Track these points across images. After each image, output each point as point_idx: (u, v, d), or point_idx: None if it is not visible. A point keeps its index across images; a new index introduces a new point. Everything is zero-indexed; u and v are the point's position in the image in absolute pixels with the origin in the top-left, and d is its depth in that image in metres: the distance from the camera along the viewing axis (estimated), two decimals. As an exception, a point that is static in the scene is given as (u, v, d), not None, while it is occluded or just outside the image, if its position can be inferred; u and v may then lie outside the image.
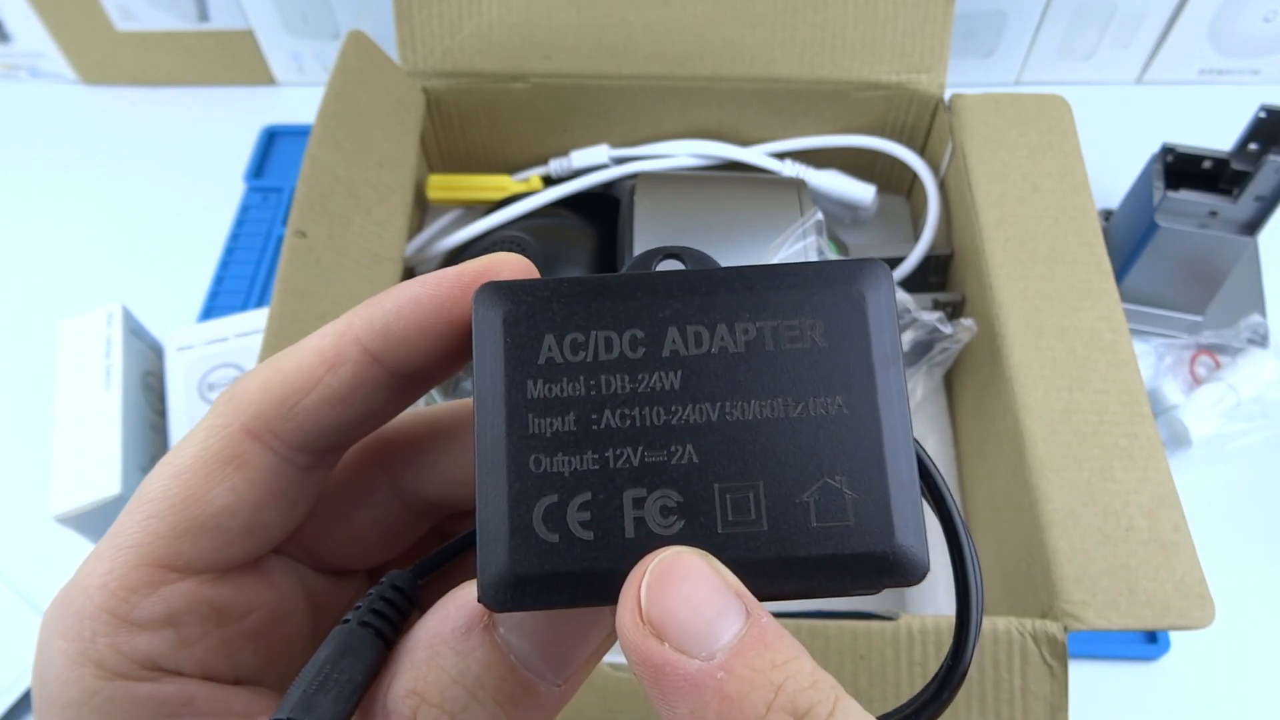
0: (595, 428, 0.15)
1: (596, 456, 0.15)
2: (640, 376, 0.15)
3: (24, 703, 0.46)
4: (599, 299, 0.15)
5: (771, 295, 0.15)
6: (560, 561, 0.14)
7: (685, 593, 0.14)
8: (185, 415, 0.50)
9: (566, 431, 0.15)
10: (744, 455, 0.14)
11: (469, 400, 0.17)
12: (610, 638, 0.16)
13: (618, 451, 0.15)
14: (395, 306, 0.17)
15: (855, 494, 0.14)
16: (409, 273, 0.52)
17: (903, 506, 0.14)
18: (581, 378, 0.15)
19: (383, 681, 0.16)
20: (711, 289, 0.15)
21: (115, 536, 0.17)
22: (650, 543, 0.14)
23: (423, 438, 0.20)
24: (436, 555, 0.19)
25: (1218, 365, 0.54)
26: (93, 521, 0.45)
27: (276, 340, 0.39)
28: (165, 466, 0.17)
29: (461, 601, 0.16)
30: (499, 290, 0.15)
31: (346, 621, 0.17)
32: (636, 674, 0.15)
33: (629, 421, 0.15)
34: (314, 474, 0.19)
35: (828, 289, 0.15)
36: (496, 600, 0.14)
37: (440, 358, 0.18)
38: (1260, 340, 0.54)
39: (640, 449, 0.15)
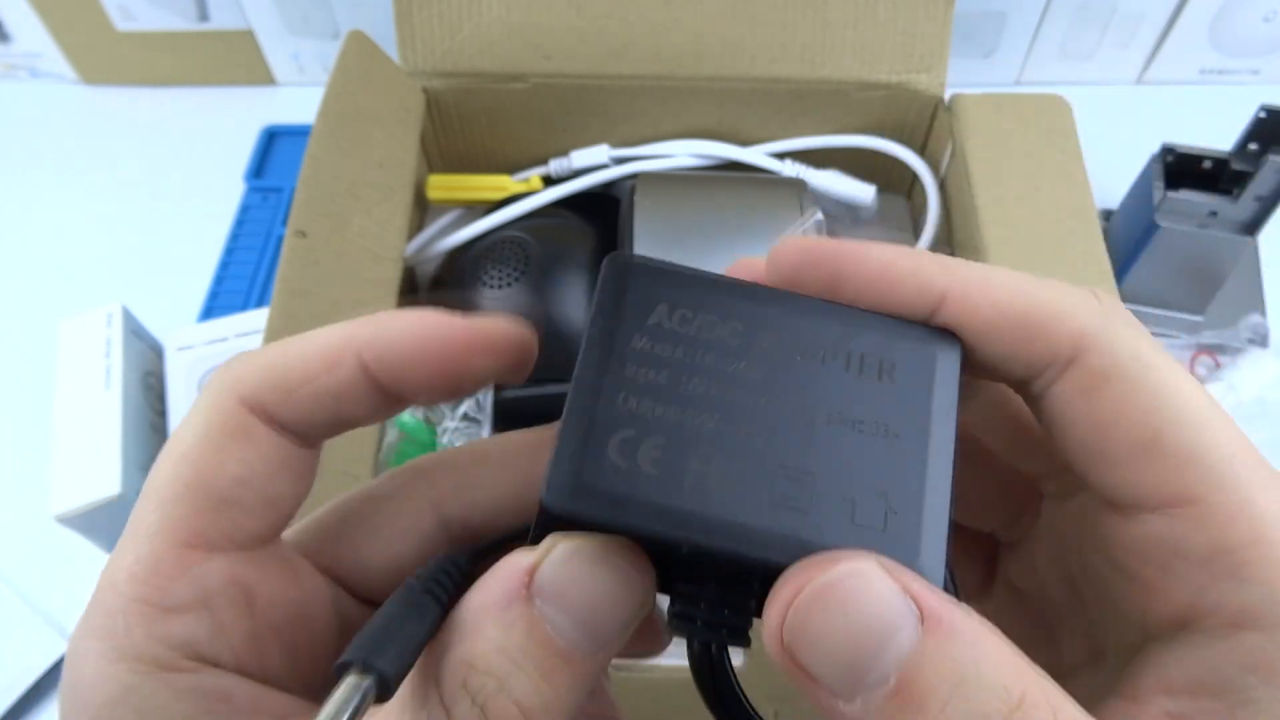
0: (682, 389, 0.16)
1: (678, 411, 0.16)
2: (733, 360, 0.17)
3: (24, 702, 0.46)
4: (714, 290, 0.17)
5: (862, 331, 0.17)
6: (622, 485, 0.15)
7: (833, 633, 0.13)
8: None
9: (657, 384, 0.16)
10: (807, 448, 0.16)
11: (517, 434, 0.20)
12: (644, 609, 0.17)
13: (697, 414, 0.16)
14: (400, 335, 0.18)
15: (893, 511, 0.16)
16: (409, 273, 0.52)
17: (931, 539, 0.15)
18: (682, 346, 0.16)
19: (433, 650, 0.16)
20: (813, 311, 0.17)
21: (135, 528, 0.17)
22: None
23: (472, 465, 0.20)
24: (495, 540, 0.20)
25: (1218, 365, 0.54)
26: (93, 521, 0.45)
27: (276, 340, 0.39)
28: (169, 452, 0.18)
29: (503, 575, 0.16)
30: (632, 260, 0.17)
31: (410, 587, 0.17)
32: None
33: (714, 393, 0.16)
34: (311, 451, 0.19)
35: (910, 340, 0.17)
36: (557, 502, 0.15)
37: (429, 390, 0.18)
38: (1260, 340, 0.54)
39: (717, 417, 0.16)
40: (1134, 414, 0.15)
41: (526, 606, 0.16)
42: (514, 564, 0.16)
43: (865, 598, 0.14)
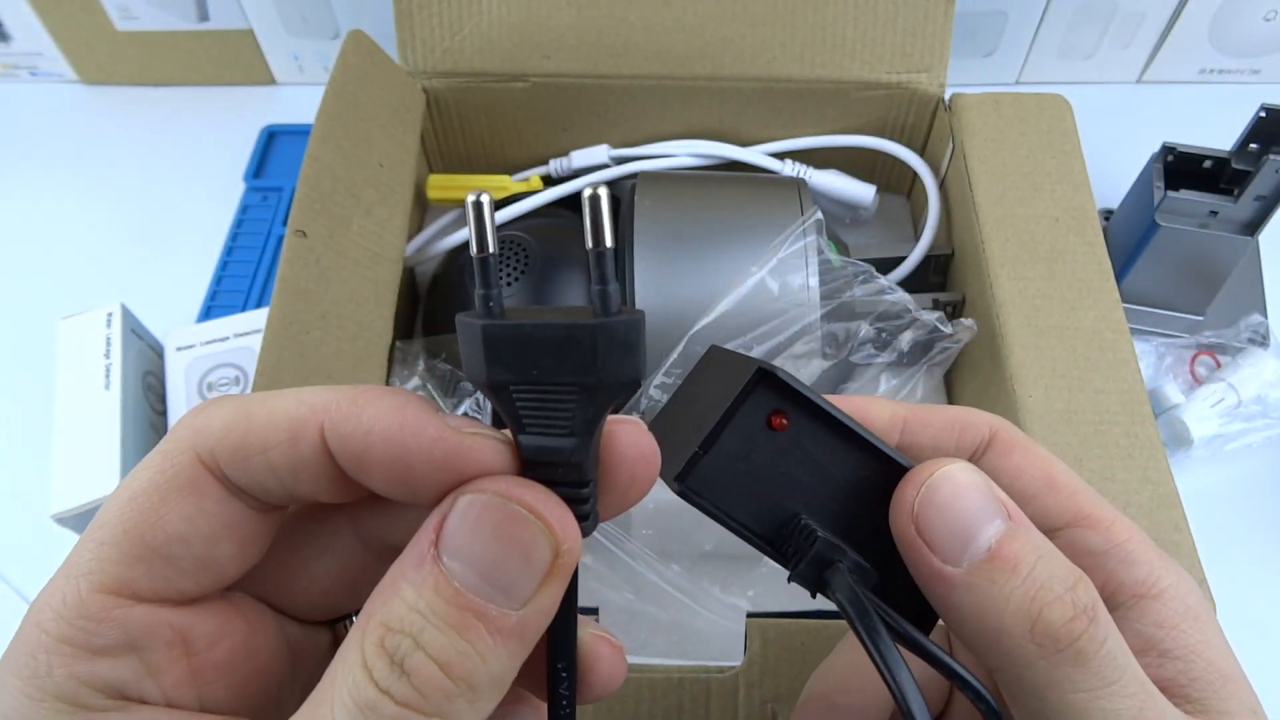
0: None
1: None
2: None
3: (24, 703, 0.46)
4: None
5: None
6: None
7: (947, 508, 0.18)
8: (185, 415, 0.50)
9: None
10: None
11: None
12: (563, 561, 0.17)
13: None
14: (370, 425, 0.17)
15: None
16: (409, 273, 0.52)
17: None
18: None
19: (361, 614, 0.16)
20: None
21: (69, 565, 0.17)
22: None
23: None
24: None
25: (1218, 365, 0.54)
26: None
27: (276, 340, 0.39)
28: (121, 490, 0.17)
29: (417, 535, 0.16)
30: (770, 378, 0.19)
31: None
32: (918, 580, 0.18)
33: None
34: (268, 516, 0.18)
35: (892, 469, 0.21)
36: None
37: (390, 490, 0.17)
38: (1260, 340, 0.54)
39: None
40: (1035, 464, 0.21)
41: (435, 564, 0.16)
42: (426, 524, 0.16)
43: (972, 489, 0.18)
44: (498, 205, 0.52)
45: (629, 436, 0.18)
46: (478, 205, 0.17)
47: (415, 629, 0.15)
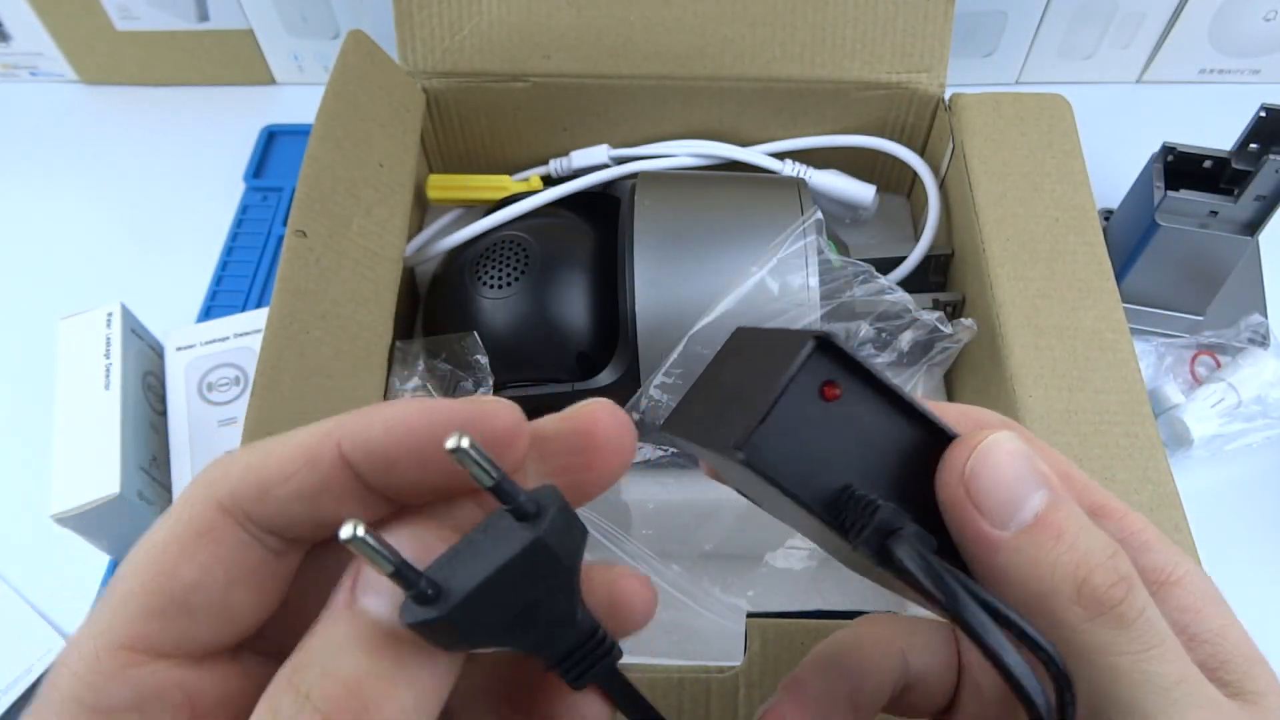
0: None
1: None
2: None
3: (24, 702, 0.46)
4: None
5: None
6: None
7: (997, 473, 0.18)
8: (185, 415, 0.50)
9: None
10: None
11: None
12: None
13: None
14: (384, 423, 0.17)
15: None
16: (409, 273, 0.52)
17: None
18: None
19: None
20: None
21: (89, 624, 0.17)
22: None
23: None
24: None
25: (1218, 365, 0.54)
26: (92, 521, 0.45)
27: (276, 340, 0.39)
28: (141, 545, 0.17)
29: (333, 596, 0.17)
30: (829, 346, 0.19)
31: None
32: (961, 544, 0.19)
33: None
34: (285, 560, 0.19)
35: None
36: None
37: (418, 486, 0.18)
38: (1260, 340, 0.54)
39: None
40: (1049, 460, 0.21)
41: (348, 609, 0.16)
42: (346, 575, 0.17)
43: (1020, 456, 0.18)
44: (497, 205, 0.52)
45: (604, 415, 0.19)
46: (458, 450, 0.16)
47: (325, 657, 0.16)
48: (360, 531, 0.16)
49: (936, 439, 0.19)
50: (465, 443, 0.16)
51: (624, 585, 0.20)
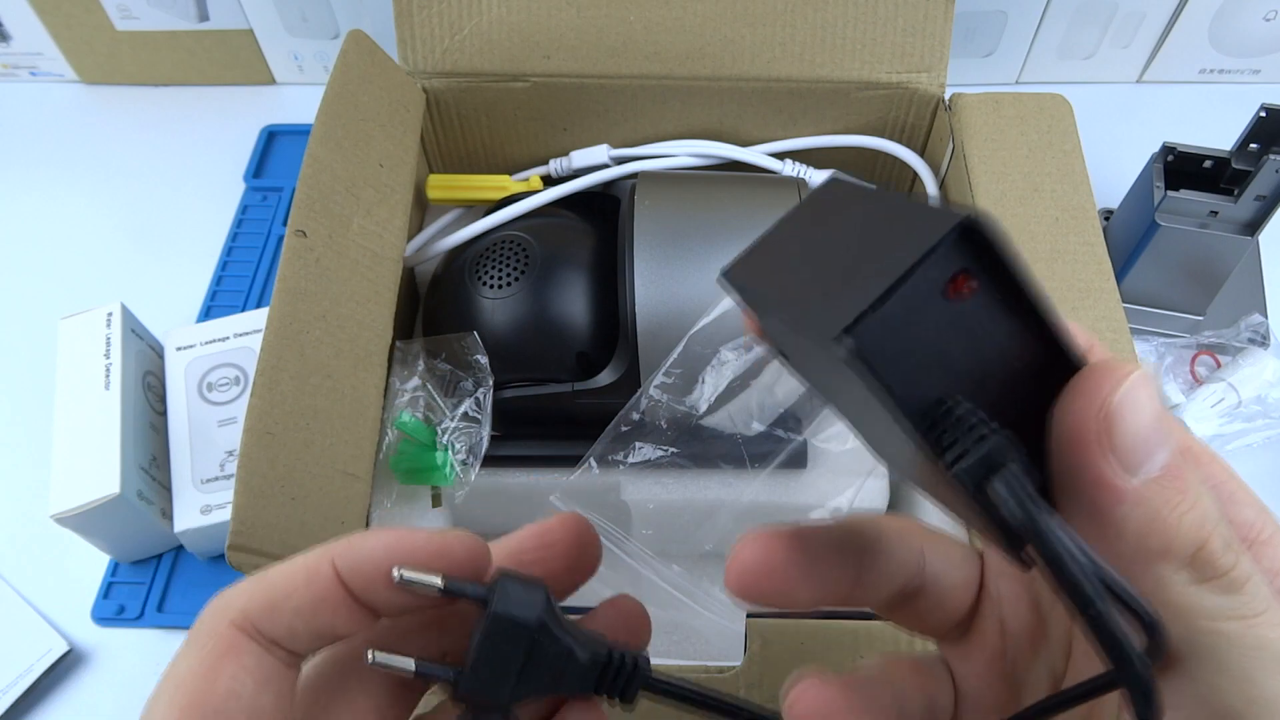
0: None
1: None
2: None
3: (24, 702, 0.46)
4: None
5: None
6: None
7: (1139, 413, 0.16)
8: (185, 415, 0.50)
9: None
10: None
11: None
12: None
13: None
14: (370, 548, 0.20)
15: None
16: (409, 273, 0.52)
17: None
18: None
19: None
20: None
21: None
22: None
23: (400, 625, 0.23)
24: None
25: (1218, 365, 0.54)
26: (92, 521, 0.45)
27: (276, 340, 0.39)
28: (167, 678, 0.20)
29: None
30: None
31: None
32: (1068, 484, 0.17)
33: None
34: (291, 671, 0.21)
35: None
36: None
37: (394, 601, 0.21)
38: (1260, 340, 0.54)
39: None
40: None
41: None
42: None
43: (1156, 400, 0.17)
44: (497, 205, 0.52)
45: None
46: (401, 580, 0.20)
47: None
48: (378, 656, 0.20)
49: (1059, 363, 0.17)
50: (399, 575, 0.20)
51: (630, 613, 0.23)
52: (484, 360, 0.45)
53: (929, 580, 0.22)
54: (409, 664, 0.21)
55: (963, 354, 0.16)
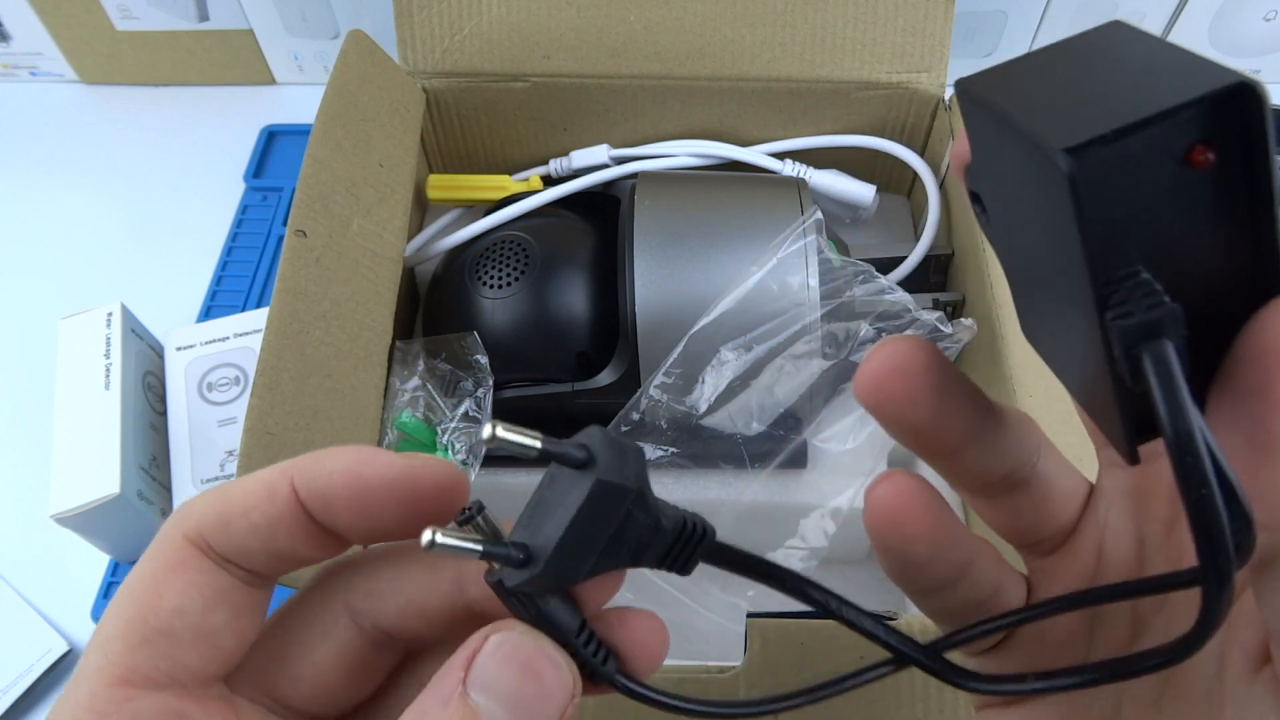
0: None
1: None
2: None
3: (24, 702, 0.46)
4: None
5: None
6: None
7: None
8: (185, 415, 0.50)
9: None
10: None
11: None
12: (575, 697, 0.18)
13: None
14: (331, 467, 0.19)
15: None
16: (409, 273, 0.52)
17: None
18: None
19: None
20: None
21: (80, 669, 0.18)
22: None
23: (377, 562, 0.21)
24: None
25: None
26: (92, 521, 0.45)
27: (276, 340, 0.39)
28: (119, 592, 0.19)
29: (444, 671, 0.17)
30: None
31: None
32: (1238, 399, 0.15)
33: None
34: (256, 589, 0.20)
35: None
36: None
37: (356, 526, 0.19)
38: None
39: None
40: None
41: (462, 702, 0.17)
42: (454, 660, 0.17)
43: None
44: (497, 205, 0.52)
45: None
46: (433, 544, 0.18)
47: None
48: (440, 537, 0.17)
49: (1262, 277, 0.15)
50: (495, 432, 0.17)
51: (634, 626, 0.20)
52: (484, 360, 0.45)
53: (1038, 475, 0.21)
54: (475, 546, 0.18)
55: (1171, 227, 0.15)
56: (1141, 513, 0.21)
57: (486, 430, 0.17)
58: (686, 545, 0.20)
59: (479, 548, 0.18)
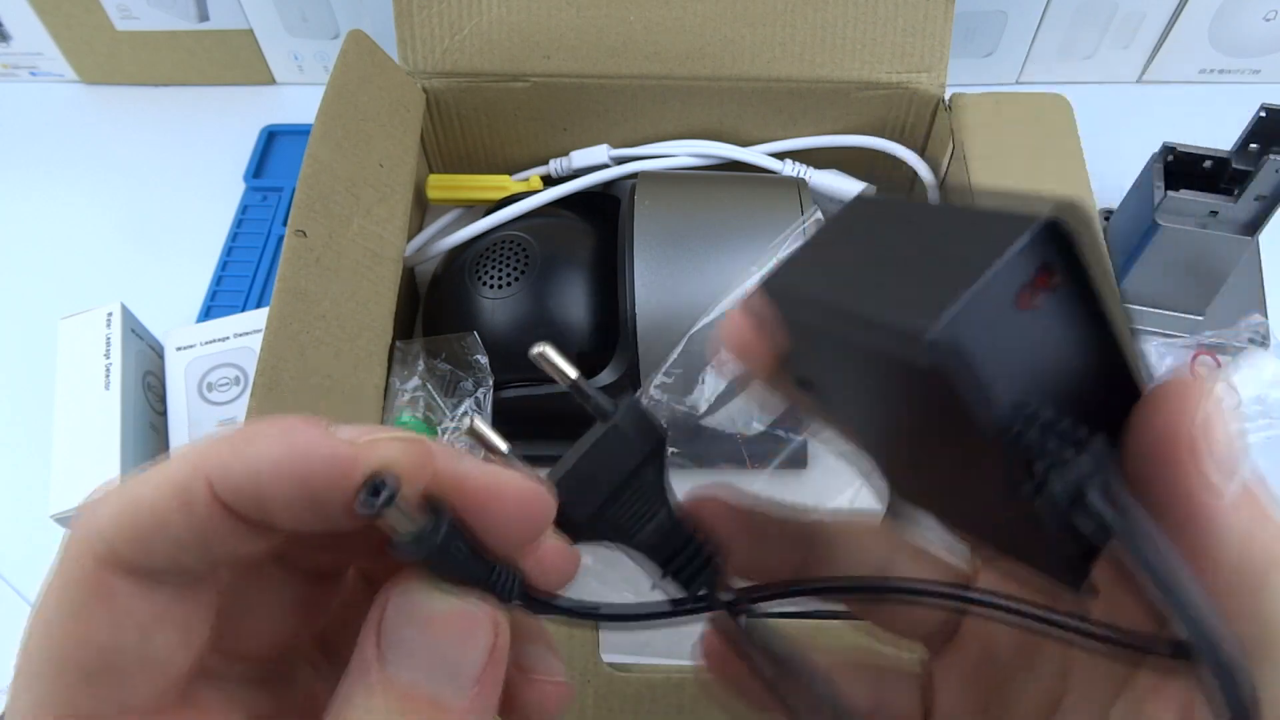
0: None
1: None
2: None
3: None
4: None
5: None
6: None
7: (1228, 425, 0.15)
8: (185, 415, 0.50)
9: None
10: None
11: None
12: (502, 638, 0.17)
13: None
14: (256, 464, 0.15)
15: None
16: (409, 273, 0.52)
17: None
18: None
19: None
20: None
21: (14, 705, 0.16)
22: None
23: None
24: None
25: (1218, 365, 0.54)
26: (92, 521, 0.45)
27: (276, 340, 0.39)
28: (34, 619, 0.16)
29: (358, 647, 0.16)
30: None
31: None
32: (1152, 496, 0.15)
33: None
34: (199, 595, 0.17)
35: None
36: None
37: (301, 518, 0.16)
38: (1260, 340, 0.54)
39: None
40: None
41: (382, 678, 0.16)
42: (363, 637, 0.16)
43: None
44: (497, 205, 0.52)
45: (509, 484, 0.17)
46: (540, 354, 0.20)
47: None
48: (475, 424, 0.19)
49: (1119, 377, 0.16)
50: (541, 351, 0.19)
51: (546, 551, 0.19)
52: (484, 360, 0.45)
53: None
54: (502, 444, 0.19)
55: (1044, 357, 0.15)
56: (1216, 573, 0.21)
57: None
58: (692, 560, 0.20)
59: (504, 447, 0.20)
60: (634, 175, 0.52)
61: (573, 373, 0.19)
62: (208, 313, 0.59)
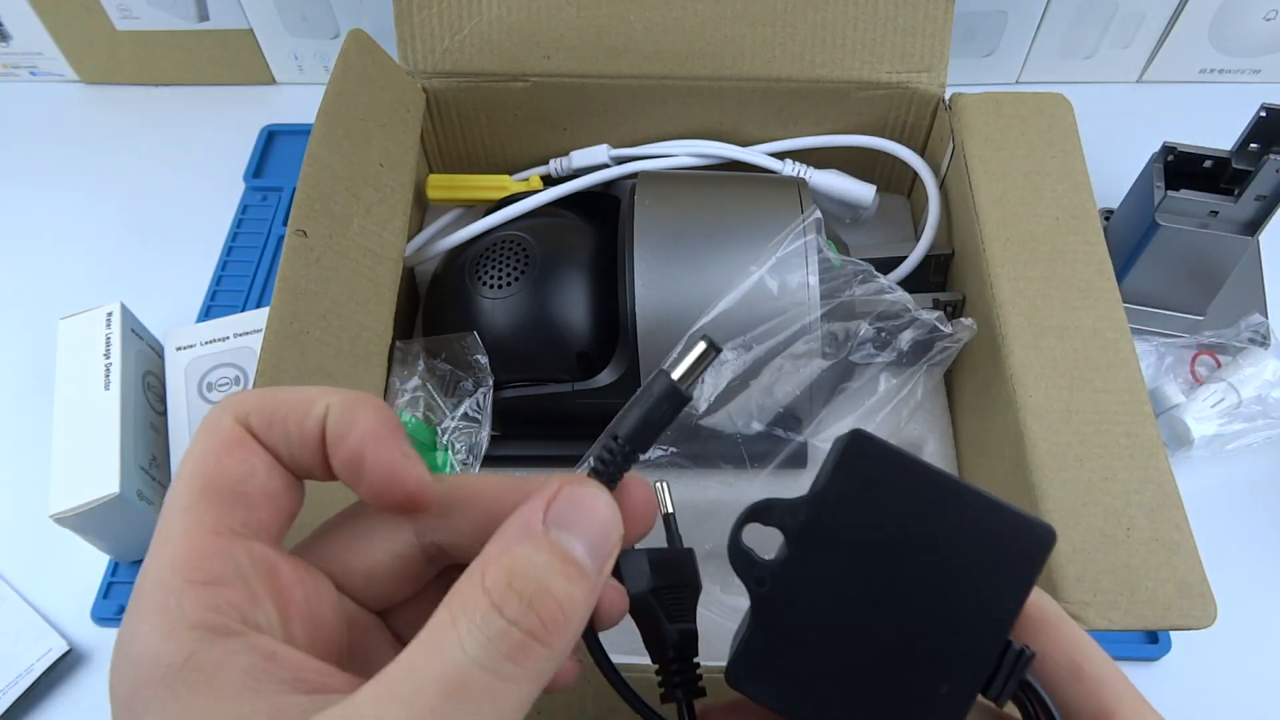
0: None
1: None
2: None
3: (24, 702, 0.46)
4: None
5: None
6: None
7: None
8: (185, 415, 0.50)
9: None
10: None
11: (495, 480, 0.24)
12: (620, 539, 0.22)
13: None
14: (356, 421, 0.21)
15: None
16: (409, 273, 0.52)
17: None
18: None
19: (470, 574, 0.19)
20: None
21: (164, 533, 0.20)
22: None
23: (452, 497, 0.24)
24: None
25: (1218, 365, 0.54)
26: (92, 521, 0.45)
27: (276, 340, 0.39)
28: (181, 468, 0.21)
29: (523, 513, 0.20)
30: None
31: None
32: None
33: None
34: (301, 482, 0.22)
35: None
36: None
37: (344, 468, 0.22)
38: (1261, 340, 0.54)
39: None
40: (1062, 649, 0.24)
41: (544, 534, 0.20)
42: (532, 503, 0.20)
43: None
44: (497, 205, 0.52)
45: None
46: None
47: (540, 575, 0.19)
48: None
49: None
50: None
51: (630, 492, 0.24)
52: (484, 360, 0.45)
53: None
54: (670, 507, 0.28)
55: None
56: None
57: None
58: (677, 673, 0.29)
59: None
60: (634, 175, 0.51)
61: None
62: (208, 312, 0.59)
